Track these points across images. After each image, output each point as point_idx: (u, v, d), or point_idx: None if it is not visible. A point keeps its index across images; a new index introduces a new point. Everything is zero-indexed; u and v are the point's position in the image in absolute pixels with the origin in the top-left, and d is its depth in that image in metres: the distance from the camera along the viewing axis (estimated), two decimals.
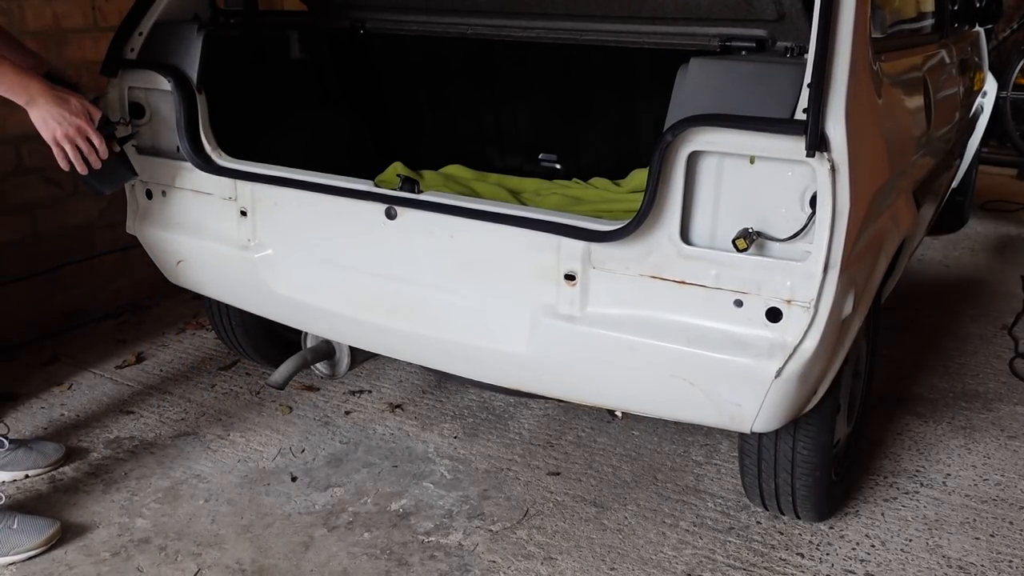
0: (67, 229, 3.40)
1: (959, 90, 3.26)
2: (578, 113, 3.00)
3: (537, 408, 2.88)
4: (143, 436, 2.73)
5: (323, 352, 2.58)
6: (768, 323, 1.77)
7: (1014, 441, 2.75)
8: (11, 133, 3.16)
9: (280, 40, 2.90)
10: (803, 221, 1.70)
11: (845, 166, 1.65)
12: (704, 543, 2.26)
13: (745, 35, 2.38)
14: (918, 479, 2.55)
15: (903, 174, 2.23)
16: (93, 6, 3.33)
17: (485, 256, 2.04)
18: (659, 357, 1.85)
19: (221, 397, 2.96)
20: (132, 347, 3.31)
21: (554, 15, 2.64)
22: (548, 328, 1.96)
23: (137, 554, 2.20)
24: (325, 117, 3.10)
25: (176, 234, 2.47)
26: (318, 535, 2.28)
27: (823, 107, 1.64)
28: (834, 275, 1.71)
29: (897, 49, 2.33)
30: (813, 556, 2.22)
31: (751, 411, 1.83)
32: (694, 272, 1.81)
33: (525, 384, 2.15)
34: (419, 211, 2.07)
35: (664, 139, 1.74)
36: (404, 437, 2.73)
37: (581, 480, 2.52)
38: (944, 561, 2.21)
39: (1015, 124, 5.69)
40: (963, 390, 3.07)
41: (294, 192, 2.25)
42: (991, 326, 3.61)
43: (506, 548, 2.24)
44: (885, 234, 2.08)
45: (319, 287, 2.28)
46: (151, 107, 2.43)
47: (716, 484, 2.50)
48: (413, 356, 2.29)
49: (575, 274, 1.92)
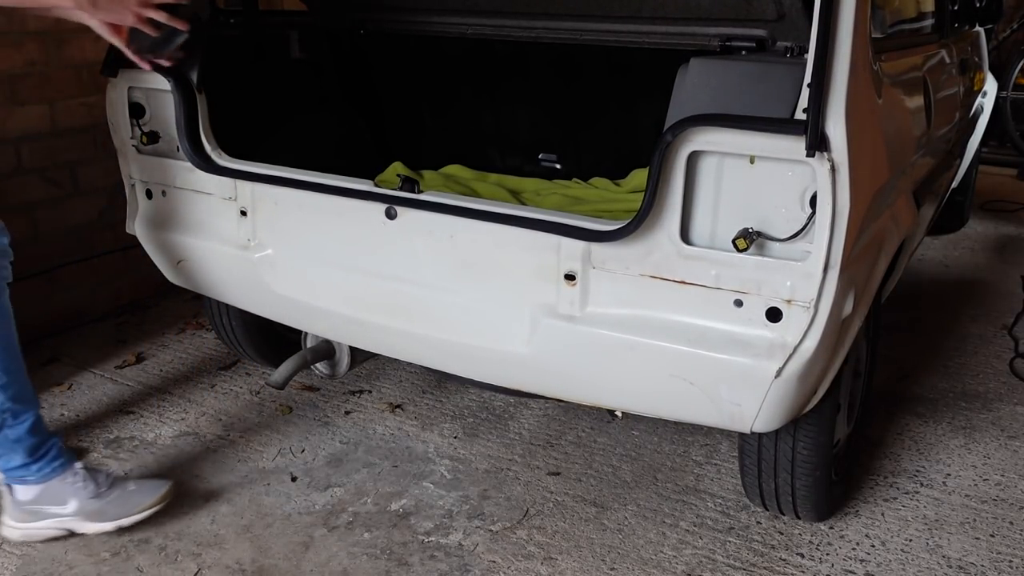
0: (67, 229, 3.40)
1: (959, 90, 3.26)
2: (578, 113, 3.00)
3: (537, 408, 2.88)
4: (143, 436, 2.73)
5: (323, 352, 2.58)
6: (768, 323, 1.77)
7: (1014, 441, 2.75)
8: (11, 133, 3.16)
9: (280, 40, 2.90)
10: (803, 221, 1.70)
11: (845, 166, 1.65)
12: (704, 543, 2.26)
13: (745, 35, 2.38)
14: (918, 479, 2.55)
15: (903, 174, 2.23)
16: None
17: (485, 256, 2.04)
18: (659, 357, 1.85)
19: (221, 397, 2.96)
20: (132, 347, 3.31)
21: (554, 15, 2.64)
22: (548, 328, 1.96)
23: (137, 554, 2.20)
24: (325, 117, 3.09)
25: (176, 234, 2.47)
26: (318, 535, 2.28)
27: (823, 107, 1.64)
28: (834, 275, 1.71)
29: (897, 49, 2.33)
30: (813, 556, 2.22)
31: (751, 411, 1.83)
32: (694, 272, 1.81)
33: (525, 384, 2.15)
34: (419, 211, 2.07)
35: (664, 139, 1.74)
36: (404, 437, 2.73)
37: (581, 480, 2.52)
38: (944, 561, 2.21)
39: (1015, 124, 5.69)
40: (963, 390, 3.07)
41: (294, 192, 2.25)
42: (991, 326, 3.61)
43: (506, 548, 2.24)
44: (885, 234, 2.08)
45: (319, 287, 2.28)
46: (151, 107, 2.43)
47: (716, 484, 2.50)
48: (413, 356, 2.29)
49: (575, 274, 1.92)
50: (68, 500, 2.19)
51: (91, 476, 2.23)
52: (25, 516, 2.20)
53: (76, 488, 2.19)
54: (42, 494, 2.19)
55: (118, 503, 2.22)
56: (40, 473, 2.18)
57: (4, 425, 2.12)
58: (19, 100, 3.17)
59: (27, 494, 2.19)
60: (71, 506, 2.19)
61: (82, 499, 2.19)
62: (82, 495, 2.20)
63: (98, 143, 3.39)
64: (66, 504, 2.19)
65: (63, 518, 2.20)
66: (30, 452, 2.16)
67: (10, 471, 2.18)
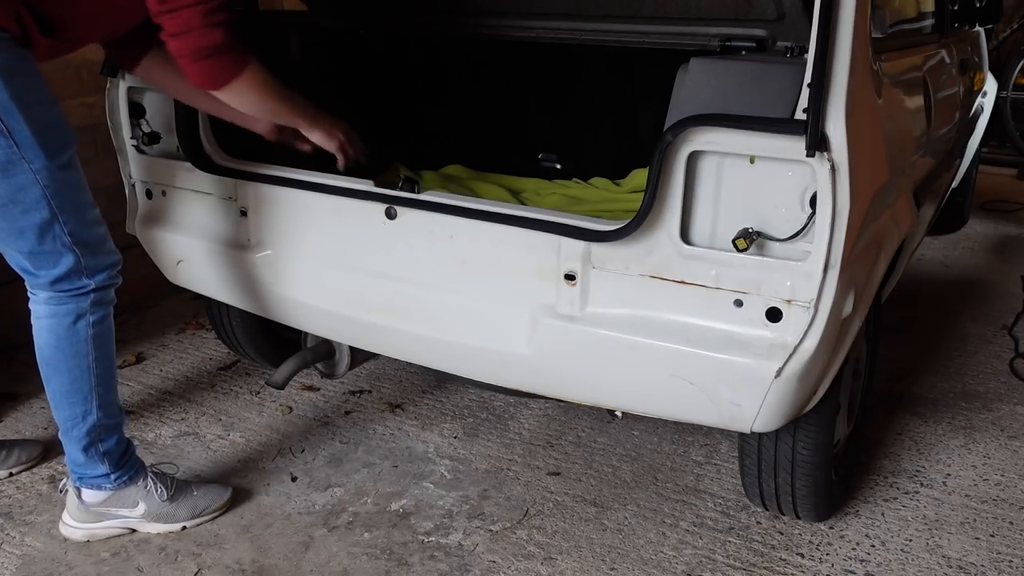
0: None
1: (959, 90, 3.26)
2: (578, 113, 3.00)
3: (537, 408, 2.88)
4: (143, 436, 2.72)
5: (323, 352, 2.58)
6: (768, 323, 1.77)
7: (1014, 441, 2.75)
8: None
9: (280, 40, 2.90)
10: (803, 221, 1.70)
11: (845, 166, 1.65)
12: (704, 543, 2.26)
13: (745, 35, 2.38)
14: (918, 479, 2.55)
15: (903, 174, 2.23)
16: None
17: (485, 256, 2.04)
18: (659, 357, 1.85)
19: (221, 397, 2.96)
20: (132, 347, 3.31)
21: (554, 15, 2.64)
22: (548, 328, 1.96)
23: (137, 554, 2.20)
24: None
25: (176, 234, 2.47)
26: (318, 535, 2.28)
27: (823, 107, 1.64)
28: (834, 275, 1.71)
29: (897, 49, 2.33)
30: (813, 556, 2.22)
31: (751, 411, 1.83)
32: (694, 272, 1.81)
33: (525, 384, 2.15)
34: (419, 211, 2.07)
35: (664, 139, 1.74)
36: (404, 437, 2.73)
37: (581, 480, 2.52)
38: (944, 561, 2.21)
39: (1015, 124, 5.69)
40: (963, 390, 3.07)
41: (294, 192, 2.25)
42: (991, 326, 3.61)
43: (506, 548, 2.24)
44: (885, 234, 2.08)
45: (319, 287, 2.28)
46: (151, 107, 2.43)
47: (716, 484, 2.50)
48: (413, 356, 2.29)
49: (575, 274, 1.92)
50: (139, 503, 2.22)
51: (161, 481, 2.26)
52: (90, 517, 2.21)
53: (148, 492, 2.23)
54: (113, 498, 2.21)
55: (186, 506, 2.27)
56: (119, 481, 2.20)
57: (99, 440, 2.14)
58: None
59: (97, 497, 2.20)
60: (140, 509, 2.22)
61: (152, 503, 2.23)
62: (152, 499, 2.23)
63: (98, 143, 3.38)
64: (136, 507, 2.22)
65: (130, 519, 2.23)
66: (116, 463, 2.19)
67: (89, 478, 2.19)
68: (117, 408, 2.18)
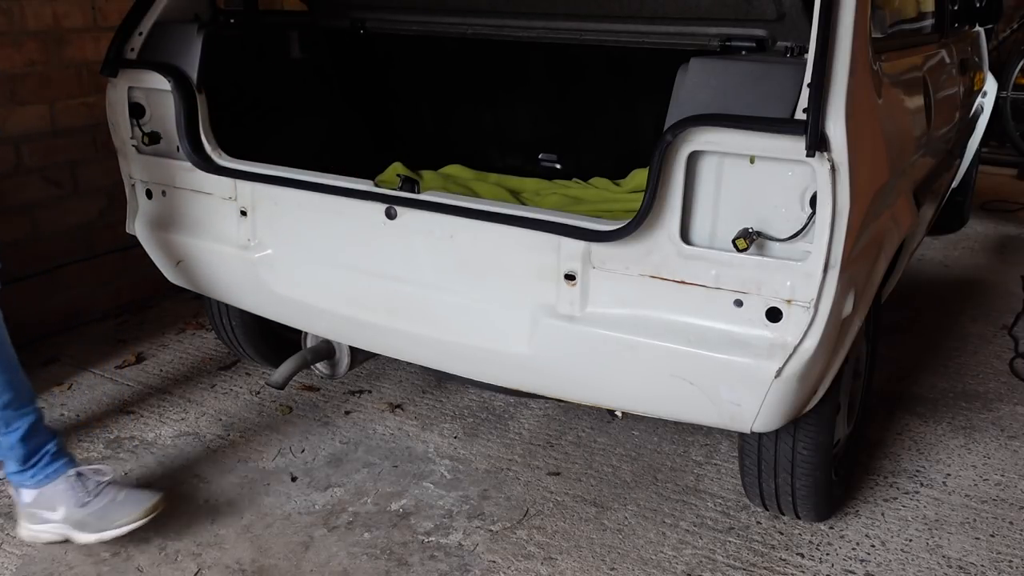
0: (67, 229, 3.40)
1: (959, 90, 3.26)
2: (578, 113, 3.00)
3: (537, 408, 2.88)
4: (143, 436, 2.73)
5: (323, 352, 2.58)
6: (768, 323, 1.77)
7: (1014, 441, 2.75)
8: (11, 133, 3.16)
9: (280, 40, 2.90)
10: (803, 221, 1.70)
11: (845, 166, 1.65)
12: (704, 543, 2.26)
13: (745, 35, 2.38)
14: (918, 479, 2.55)
15: (903, 174, 2.23)
16: (93, 6, 3.33)
17: (485, 256, 2.04)
18: (659, 357, 1.85)
19: (221, 397, 2.96)
20: (132, 347, 3.31)
21: (554, 15, 2.64)
22: (548, 328, 1.96)
23: (137, 554, 2.20)
24: (325, 117, 3.10)
25: (176, 234, 2.47)
26: (318, 535, 2.28)
27: (823, 107, 1.64)
28: (834, 275, 1.71)
29: (897, 49, 2.33)
30: (813, 556, 2.22)
31: (751, 411, 1.83)
32: (694, 272, 1.81)
33: (525, 384, 2.15)
34: (419, 211, 2.07)
35: (664, 139, 1.74)
36: (404, 437, 2.73)
37: (581, 480, 2.52)
38: (944, 561, 2.21)
39: (1015, 124, 5.69)
40: (963, 390, 3.07)
41: (294, 192, 2.24)
42: (991, 326, 3.61)
43: (506, 548, 2.24)
44: (885, 234, 2.08)
45: (319, 287, 2.28)
46: (151, 107, 2.43)
47: (716, 484, 2.50)
48: (413, 356, 2.29)
49: (575, 274, 1.92)
50: (57, 507, 2.17)
51: (81, 483, 2.19)
52: (30, 518, 2.21)
53: (65, 495, 2.17)
54: (38, 498, 2.19)
55: (100, 515, 2.17)
56: (35, 479, 2.18)
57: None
58: (19, 100, 3.17)
59: (28, 497, 2.20)
60: (60, 513, 2.17)
61: (69, 507, 2.17)
62: (69, 503, 2.17)
63: (98, 143, 3.39)
64: (56, 510, 2.18)
65: (56, 524, 2.19)
66: (22, 460, 2.16)
67: (10, 476, 2.19)
68: (20, 401, 2.12)
